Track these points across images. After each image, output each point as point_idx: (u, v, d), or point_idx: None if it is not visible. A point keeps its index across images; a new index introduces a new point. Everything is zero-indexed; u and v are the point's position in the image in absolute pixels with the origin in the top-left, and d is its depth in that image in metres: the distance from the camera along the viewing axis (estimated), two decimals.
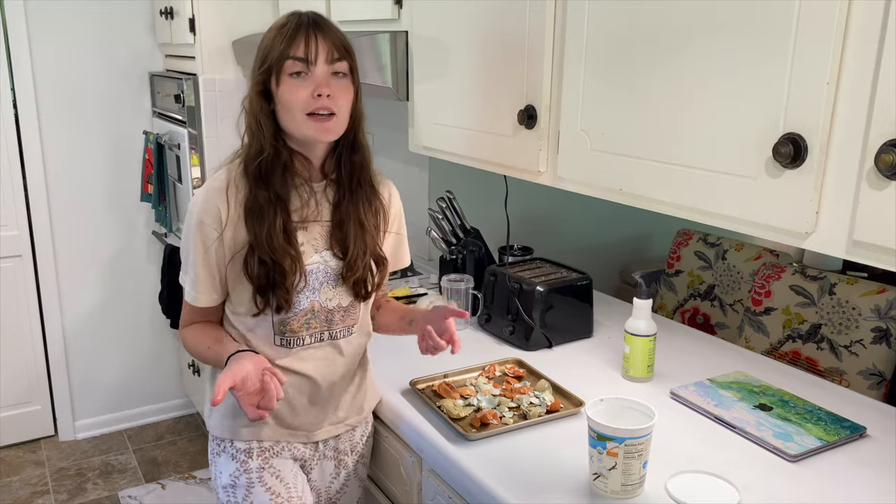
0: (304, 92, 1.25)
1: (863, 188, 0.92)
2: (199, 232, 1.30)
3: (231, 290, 1.35)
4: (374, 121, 2.85)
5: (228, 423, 1.41)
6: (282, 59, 1.25)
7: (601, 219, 2.85)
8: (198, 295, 1.34)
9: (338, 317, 1.40)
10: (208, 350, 1.36)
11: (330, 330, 1.40)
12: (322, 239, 1.36)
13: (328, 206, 1.37)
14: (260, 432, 1.40)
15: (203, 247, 1.30)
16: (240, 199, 1.30)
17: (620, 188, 1.30)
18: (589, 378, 1.63)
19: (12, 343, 3.07)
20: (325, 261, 1.36)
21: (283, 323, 1.35)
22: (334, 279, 1.37)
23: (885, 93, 0.88)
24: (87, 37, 2.94)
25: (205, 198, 1.30)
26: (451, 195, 2.12)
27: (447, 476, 1.35)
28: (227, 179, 1.31)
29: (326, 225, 1.36)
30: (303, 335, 1.37)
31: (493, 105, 1.59)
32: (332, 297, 1.38)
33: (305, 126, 1.27)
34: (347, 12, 2.08)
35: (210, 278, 1.33)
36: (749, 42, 1.03)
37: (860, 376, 1.97)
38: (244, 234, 1.30)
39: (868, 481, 1.25)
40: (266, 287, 1.30)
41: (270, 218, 1.28)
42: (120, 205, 3.16)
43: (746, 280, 2.37)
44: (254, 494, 1.39)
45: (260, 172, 1.29)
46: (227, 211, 1.29)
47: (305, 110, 1.25)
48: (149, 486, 2.90)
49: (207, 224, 1.29)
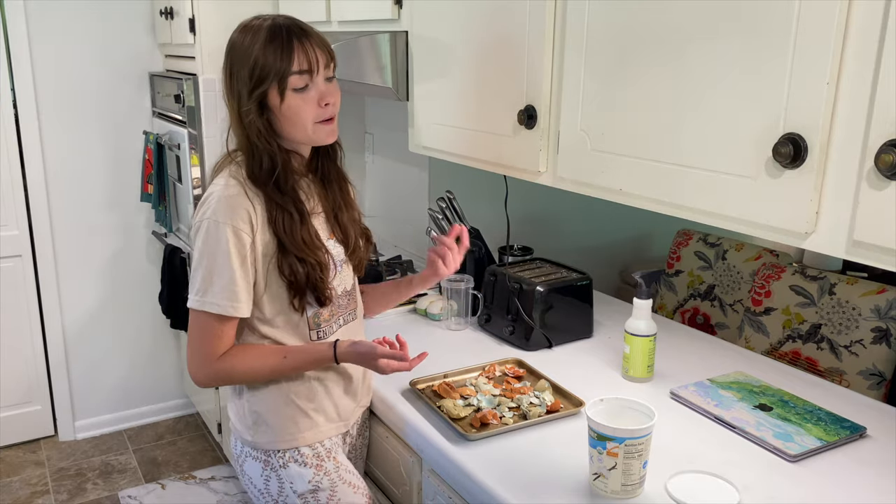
0: (311, 104, 1.28)
1: (863, 188, 0.92)
2: (234, 239, 1.27)
3: (259, 299, 1.34)
4: (374, 121, 2.87)
5: (291, 431, 1.40)
6: (285, 75, 1.25)
7: (601, 219, 2.85)
8: (240, 304, 1.30)
9: (345, 301, 1.45)
10: (285, 360, 1.35)
11: (344, 314, 1.45)
12: (324, 229, 1.40)
13: (316, 198, 1.41)
14: (320, 433, 1.43)
15: (240, 254, 1.28)
16: (257, 204, 1.30)
17: (620, 188, 1.30)
18: (589, 378, 1.63)
19: (12, 343, 3.07)
20: (332, 248, 1.39)
21: (317, 316, 1.39)
22: (342, 264, 1.42)
23: (885, 93, 0.88)
24: (88, 37, 2.94)
25: (229, 205, 1.28)
26: (451, 195, 2.12)
27: (447, 476, 1.35)
28: (240, 186, 1.30)
29: (321, 215, 1.40)
30: (331, 323, 1.42)
31: (493, 105, 1.58)
32: (341, 282, 1.42)
33: (316, 134, 1.31)
34: (347, 12, 2.08)
35: (248, 286, 1.30)
36: (749, 42, 1.03)
37: (860, 376, 1.97)
38: (269, 238, 1.30)
39: (868, 481, 1.25)
40: (303, 287, 1.32)
41: (297, 220, 1.31)
42: (120, 205, 3.16)
43: (746, 280, 2.37)
44: (339, 493, 1.42)
45: (275, 182, 1.30)
46: (255, 214, 1.29)
47: (315, 120, 1.30)
48: (149, 486, 2.90)
49: (242, 230, 1.28)
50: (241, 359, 1.33)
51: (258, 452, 1.42)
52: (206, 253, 1.28)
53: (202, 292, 1.28)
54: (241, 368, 1.34)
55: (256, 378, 1.37)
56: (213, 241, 1.27)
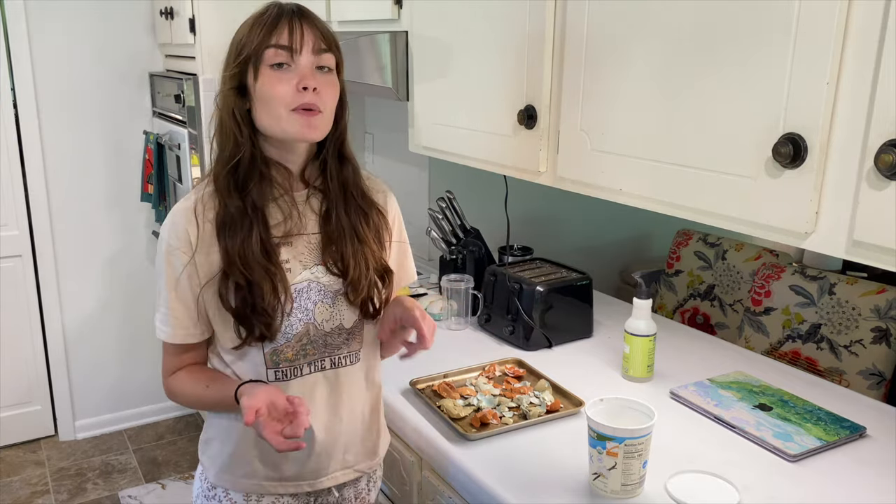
0: (287, 85, 1.10)
1: (863, 188, 0.92)
2: (167, 259, 1.15)
3: (213, 324, 1.19)
4: (374, 121, 2.87)
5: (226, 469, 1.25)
6: (261, 47, 1.10)
7: (601, 219, 2.85)
8: (170, 330, 1.17)
9: (339, 340, 1.22)
10: (206, 389, 1.19)
11: (331, 356, 1.22)
12: (310, 253, 1.20)
13: (314, 217, 1.21)
14: (260, 487, 1.24)
15: (173, 274, 1.15)
16: (210, 217, 1.15)
17: (620, 188, 1.30)
18: (589, 378, 1.63)
19: (12, 343, 3.07)
20: (316, 278, 1.19)
21: (276, 353, 1.18)
22: (331, 297, 1.20)
23: (885, 93, 0.88)
24: (88, 37, 2.95)
25: (172, 220, 1.16)
26: (451, 195, 2.12)
27: (447, 476, 1.35)
28: (195, 198, 1.17)
29: (314, 238, 1.20)
30: (300, 364, 1.20)
31: (493, 105, 1.58)
32: (330, 317, 1.20)
33: (289, 122, 1.11)
34: (347, 12, 2.08)
35: (185, 310, 1.16)
36: (749, 42, 1.03)
37: (860, 376, 1.97)
38: (216, 257, 1.14)
39: (868, 481, 1.25)
40: (247, 314, 1.13)
41: (245, 231, 1.13)
42: (120, 205, 3.16)
43: (746, 280, 2.37)
44: None
45: (235, 179, 1.15)
46: (196, 232, 1.14)
47: (289, 106, 1.11)
48: (149, 486, 2.90)
49: (176, 248, 1.14)
50: (182, 381, 1.21)
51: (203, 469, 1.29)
52: (156, 271, 1.20)
53: (157, 310, 1.20)
54: (181, 391, 1.22)
55: (193, 404, 1.26)
56: (158, 258, 1.18)
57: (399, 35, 1.85)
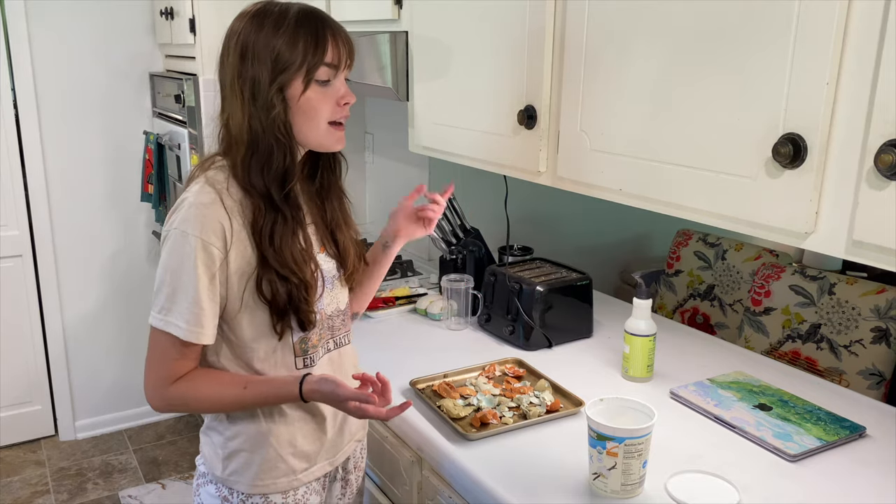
0: (330, 100, 1.17)
1: (862, 188, 0.92)
2: (202, 254, 1.11)
3: (231, 320, 1.18)
4: (374, 121, 2.87)
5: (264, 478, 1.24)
6: (316, 65, 1.14)
7: (601, 219, 2.85)
8: (203, 330, 1.14)
9: (338, 321, 1.31)
10: (245, 391, 1.18)
11: (334, 337, 1.30)
12: (316, 241, 1.26)
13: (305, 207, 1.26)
14: (296, 481, 1.27)
15: (208, 273, 1.12)
16: (237, 212, 1.15)
17: (620, 188, 1.30)
18: (589, 378, 1.63)
19: (12, 343, 3.07)
20: (324, 262, 1.26)
21: (304, 341, 1.23)
22: (331, 282, 1.27)
23: (885, 93, 0.88)
24: (88, 37, 2.95)
25: (201, 215, 1.12)
26: (451, 195, 2.12)
27: (447, 476, 1.35)
28: (214, 193, 1.15)
29: (311, 227, 1.26)
30: (318, 348, 1.26)
31: (493, 105, 1.59)
32: (332, 301, 1.28)
33: (327, 135, 1.19)
34: (347, 12, 2.08)
35: (213, 309, 1.15)
36: (749, 42, 1.03)
37: (860, 376, 1.97)
38: (250, 253, 1.15)
39: (868, 481, 1.25)
40: (285, 307, 1.17)
41: (291, 228, 1.17)
42: (120, 205, 3.16)
43: (746, 280, 2.37)
44: None
45: (277, 181, 1.15)
46: (230, 226, 1.14)
47: (330, 119, 1.18)
48: (149, 485, 2.90)
49: (212, 244, 1.12)
50: (198, 385, 1.18)
51: (221, 486, 1.27)
52: (171, 268, 1.13)
53: (165, 310, 1.14)
54: (198, 396, 1.18)
55: (214, 408, 1.22)
56: (179, 254, 1.12)
57: (399, 35, 1.85)
